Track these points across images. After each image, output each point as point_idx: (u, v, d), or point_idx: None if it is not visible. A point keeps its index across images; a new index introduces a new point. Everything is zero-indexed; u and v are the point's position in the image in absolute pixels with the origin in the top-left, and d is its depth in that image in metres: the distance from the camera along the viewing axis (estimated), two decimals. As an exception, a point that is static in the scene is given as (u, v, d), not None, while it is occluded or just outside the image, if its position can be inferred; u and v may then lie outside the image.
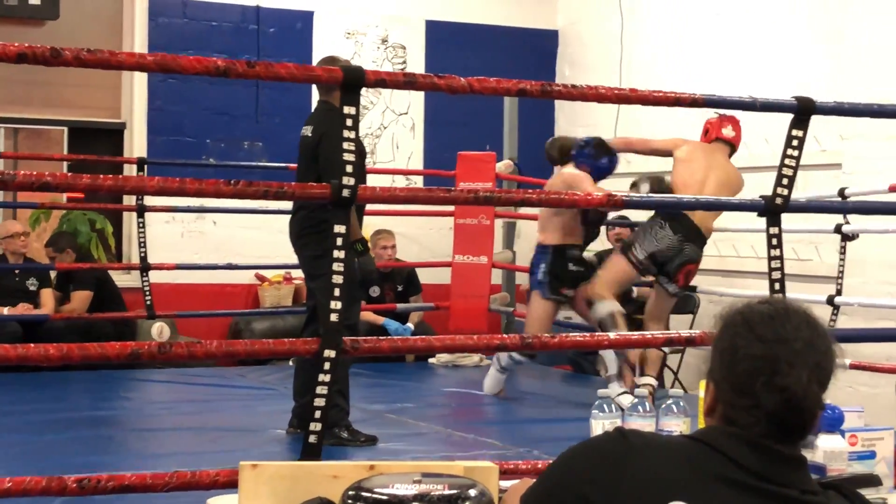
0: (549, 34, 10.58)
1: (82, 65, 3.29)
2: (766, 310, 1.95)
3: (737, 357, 1.92)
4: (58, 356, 3.20)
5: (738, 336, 1.93)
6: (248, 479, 2.65)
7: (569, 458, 1.99)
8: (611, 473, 1.90)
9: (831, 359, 1.94)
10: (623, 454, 1.90)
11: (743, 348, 1.91)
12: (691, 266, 6.43)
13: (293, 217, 5.59)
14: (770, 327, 1.92)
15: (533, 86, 3.67)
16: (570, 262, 6.70)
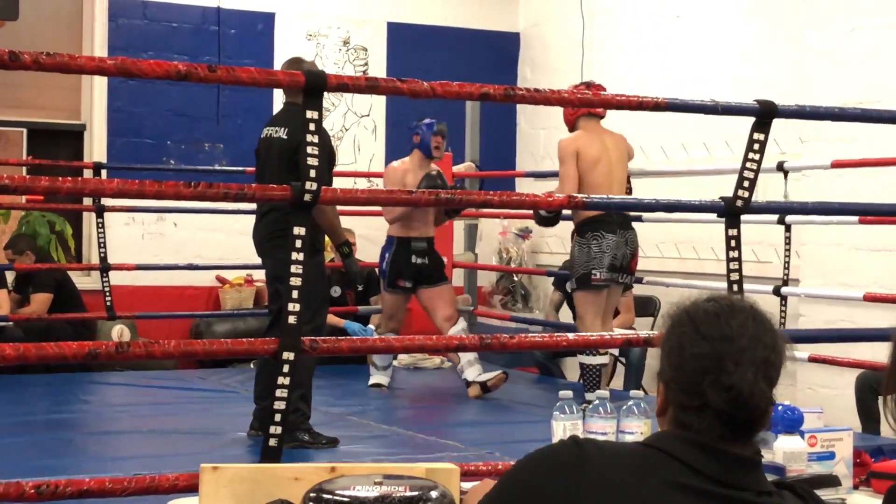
0: (510, 36, 10.61)
1: (41, 69, 3.27)
2: (712, 307, 1.94)
3: (684, 357, 1.92)
4: (14, 356, 3.17)
5: (685, 335, 1.93)
6: (209, 482, 2.64)
7: (523, 469, 1.98)
8: (566, 484, 1.89)
9: (779, 354, 1.94)
10: (578, 464, 1.90)
11: (689, 348, 1.91)
12: (637, 250, 6.51)
13: (262, 219, 5.56)
14: (715, 325, 1.91)
15: (496, 90, 3.68)
16: (413, 255, 6.98)
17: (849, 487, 2.97)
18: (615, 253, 6.36)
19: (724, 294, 2.01)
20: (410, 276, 7.05)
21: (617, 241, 6.36)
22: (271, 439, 3.55)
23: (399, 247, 7.01)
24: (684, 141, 8.48)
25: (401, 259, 7.01)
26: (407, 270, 7.03)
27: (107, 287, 7.92)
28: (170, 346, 3.37)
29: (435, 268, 7.13)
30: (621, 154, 6.52)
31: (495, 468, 3.65)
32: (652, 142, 8.77)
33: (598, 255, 6.35)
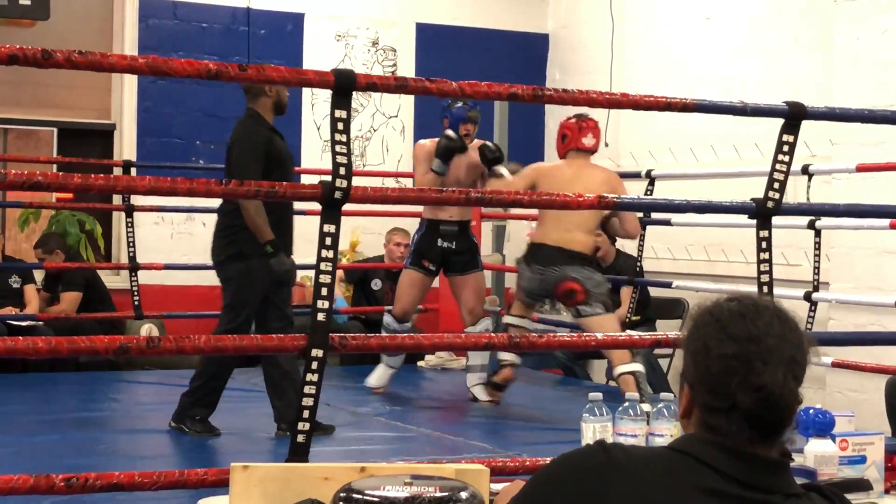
0: (539, 38, 10.60)
1: (74, 67, 3.28)
2: (736, 307, 1.93)
3: (709, 357, 1.89)
4: (46, 349, 3.18)
5: (710, 336, 1.91)
6: (239, 481, 2.65)
7: (550, 474, 1.97)
8: (593, 489, 1.87)
9: (804, 352, 1.92)
10: (605, 469, 1.88)
11: (715, 348, 1.89)
12: (566, 286, 6.36)
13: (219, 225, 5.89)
14: (741, 325, 1.90)
15: (524, 90, 3.67)
16: (441, 238, 6.90)
17: (880, 491, 2.95)
18: (530, 287, 6.53)
19: (747, 294, 2.00)
20: (435, 259, 6.93)
21: (532, 276, 6.48)
22: (299, 436, 3.55)
23: (427, 229, 6.92)
24: (714, 143, 8.45)
25: (426, 241, 6.91)
26: (431, 252, 6.91)
27: (135, 286, 7.96)
28: (200, 341, 3.38)
29: (463, 254, 6.99)
30: (596, 184, 6.35)
31: (523, 465, 3.64)
32: (681, 144, 8.75)
33: (520, 279, 6.65)
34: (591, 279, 6.36)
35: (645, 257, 8.05)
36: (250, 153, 5.68)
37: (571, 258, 6.37)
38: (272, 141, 5.77)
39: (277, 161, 5.72)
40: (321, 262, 3.59)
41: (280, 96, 5.90)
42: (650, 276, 8.23)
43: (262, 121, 5.83)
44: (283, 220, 5.76)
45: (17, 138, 9.35)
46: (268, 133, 5.80)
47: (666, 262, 8.81)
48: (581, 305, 6.35)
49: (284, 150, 5.89)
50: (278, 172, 5.57)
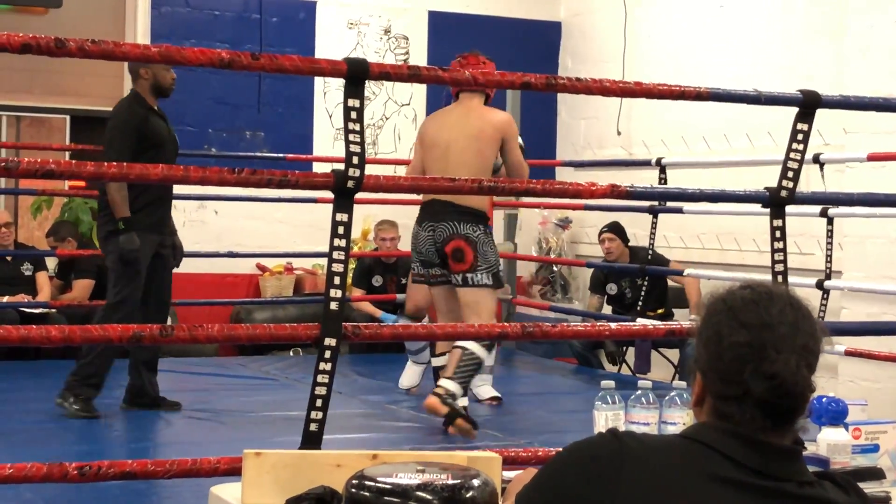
0: (552, 26, 10.57)
1: (86, 56, 3.28)
2: (749, 295, 1.92)
3: (722, 346, 1.88)
4: (59, 338, 3.20)
5: (722, 324, 1.90)
6: (252, 467, 2.66)
7: (562, 462, 1.97)
8: (605, 477, 1.87)
9: (817, 341, 1.91)
10: (617, 457, 1.88)
11: (728, 336, 1.88)
12: (455, 243, 5.66)
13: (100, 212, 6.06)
14: (754, 313, 1.88)
15: (537, 79, 3.67)
16: None
17: (893, 480, 2.95)
18: (419, 248, 5.85)
19: (760, 281, 1.99)
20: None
21: (416, 233, 5.84)
22: (311, 424, 3.56)
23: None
24: (727, 131, 8.43)
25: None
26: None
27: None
28: (213, 329, 3.38)
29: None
30: (468, 134, 5.75)
31: (535, 454, 3.64)
32: (694, 132, 8.73)
33: (412, 248, 5.99)
34: (483, 242, 5.66)
35: (657, 246, 8.05)
36: (118, 130, 5.91)
37: (463, 214, 5.64)
38: (147, 121, 5.94)
39: (152, 141, 5.88)
40: (334, 250, 3.59)
41: (157, 78, 6.05)
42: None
43: (140, 101, 6.03)
44: (164, 200, 6.03)
45: (30, 126, 9.38)
46: (143, 113, 5.98)
47: (678, 250, 8.80)
48: (468, 272, 5.64)
49: (164, 131, 6.04)
50: (153, 152, 5.74)
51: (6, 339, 3.20)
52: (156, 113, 6.04)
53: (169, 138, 6.02)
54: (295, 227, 9.32)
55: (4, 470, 3.21)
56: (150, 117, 5.97)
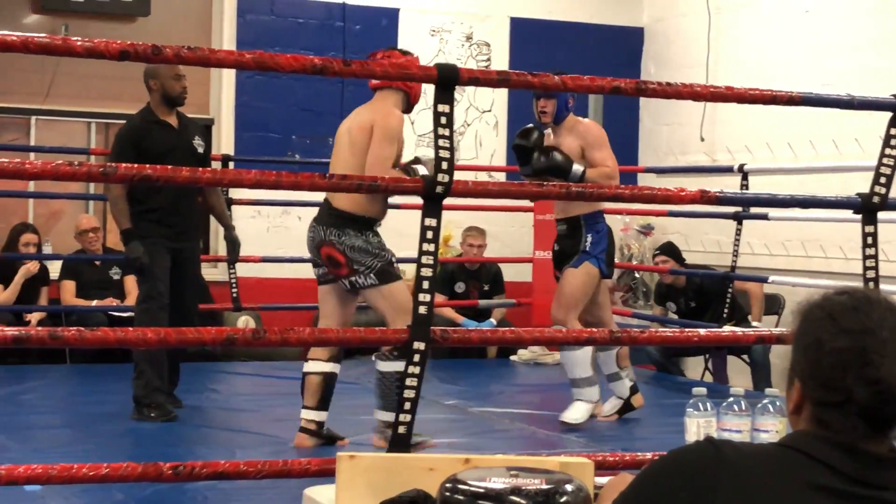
0: (634, 31, 10.53)
1: (182, 62, 3.35)
2: (848, 301, 1.89)
3: (822, 352, 1.86)
4: (155, 340, 3.25)
5: (822, 330, 1.87)
6: (346, 470, 2.68)
7: (660, 470, 1.96)
8: (703, 486, 1.86)
9: None
10: (714, 465, 1.86)
11: (828, 342, 1.85)
12: (324, 251, 5.31)
13: None
14: (854, 318, 1.85)
15: (627, 83, 3.66)
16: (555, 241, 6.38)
17: None
18: (308, 246, 5.49)
19: (856, 287, 1.96)
20: (556, 266, 6.31)
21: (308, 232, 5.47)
22: (400, 427, 3.58)
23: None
24: (812, 137, 8.33)
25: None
26: (553, 258, 6.35)
27: (233, 278, 8.07)
28: (304, 333, 3.42)
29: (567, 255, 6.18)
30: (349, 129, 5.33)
31: (622, 459, 3.63)
32: (779, 138, 8.64)
33: None
34: (351, 246, 5.23)
35: (741, 253, 7.97)
36: (117, 142, 6.21)
37: (333, 217, 5.26)
38: (146, 133, 6.10)
39: (152, 152, 5.90)
40: (422, 255, 3.62)
41: (165, 89, 6.18)
42: (746, 271, 8.15)
43: (146, 113, 6.21)
44: (179, 207, 6.10)
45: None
46: (143, 125, 6.15)
47: (763, 258, 8.72)
48: (350, 277, 5.28)
49: (168, 143, 6.12)
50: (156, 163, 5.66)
51: (104, 340, 3.26)
52: (160, 124, 6.17)
53: (179, 148, 6.08)
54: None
55: (101, 469, 3.27)
56: (151, 130, 6.12)
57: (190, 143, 6.22)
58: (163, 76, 6.14)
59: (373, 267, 5.22)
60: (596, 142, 5.99)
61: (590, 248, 6.09)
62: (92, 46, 3.20)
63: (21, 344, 3.20)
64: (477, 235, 8.82)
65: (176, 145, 6.10)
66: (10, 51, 3.23)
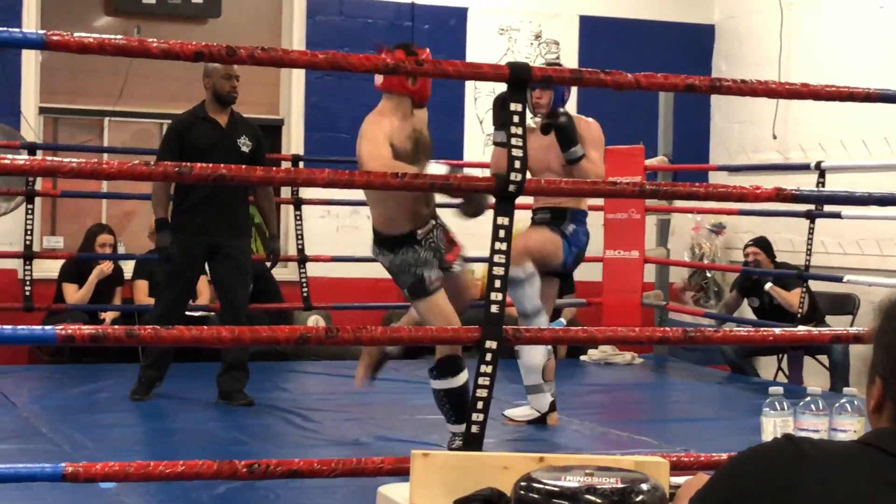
0: (705, 29, 10.45)
1: (256, 63, 3.36)
2: None
3: None
4: (230, 338, 3.27)
5: None
6: (420, 468, 2.69)
7: (737, 468, 1.94)
8: (781, 483, 1.84)
9: None
10: (794, 463, 1.84)
11: None
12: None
13: None
14: None
15: (702, 81, 3.63)
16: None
17: None
18: None
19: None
20: None
21: None
22: (472, 426, 3.58)
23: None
24: (888, 134, 8.21)
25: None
26: None
27: (304, 278, 8.12)
28: (376, 332, 3.43)
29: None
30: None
31: (697, 459, 3.60)
32: (853, 136, 8.53)
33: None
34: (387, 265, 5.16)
35: (814, 252, 7.88)
36: (165, 136, 6.55)
37: (374, 235, 5.15)
38: (190, 128, 6.32)
39: (194, 148, 6.15)
40: (494, 254, 3.61)
41: (215, 88, 6.35)
42: (820, 271, 8.05)
43: (197, 109, 6.45)
44: (217, 203, 6.23)
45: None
46: (189, 120, 6.40)
47: (836, 256, 8.61)
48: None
49: (209, 139, 6.27)
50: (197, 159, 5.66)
51: (179, 338, 3.29)
52: (207, 121, 6.34)
53: (221, 146, 6.22)
54: (446, 231, 9.37)
55: (177, 467, 3.30)
56: (196, 125, 6.32)
57: (234, 142, 6.34)
58: (214, 75, 6.32)
59: (404, 283, 5.08)
60: (595, 141, 5.74)
61: (569, 233, 5.79)
62: (167, 48, 3.23)
63: (98, 342, 3.24)
64: None
65: (217, 142, 6.24)
66: (86, 52, 3.27)
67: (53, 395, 6.67)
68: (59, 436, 5.37)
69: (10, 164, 3.24)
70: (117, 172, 3.23)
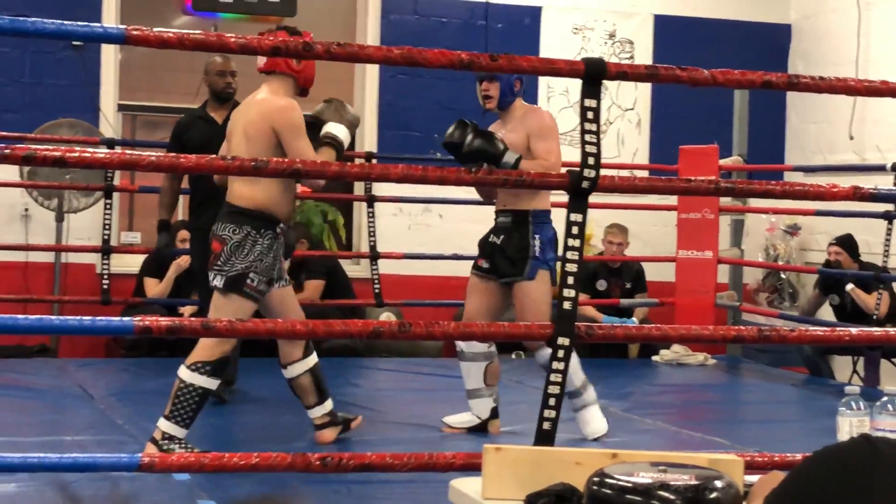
0: (781, 28, 10.35)
1: (332, 58, 3.39)
2: None
3: None
4: (304, 331, 3.31)
5: None
6: (492, 462, 2.69)
7: (813, 466, 1.92)
8: (858, 484, 1.82)
9: None
10: (871, 463, 1.82)
11: None
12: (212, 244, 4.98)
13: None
14: None
15: (779, 77, 3.60)
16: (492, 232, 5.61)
17: None
18: None
19: None
20: (486, 257, 5.58)
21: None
22: (545, 423, 3.58)
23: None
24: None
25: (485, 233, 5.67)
26: (483, 248, 5.61)
27: (376, 275, 8.16)
28: (449, 327, 3.44)
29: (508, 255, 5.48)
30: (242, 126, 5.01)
31: (772, 459, 3.57)
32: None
33: None
34: (240, 245, 4.87)
35: (891, 253, 7.77)
36: (169, 138, 6.61)
37: (231, 213, 4.94)
38: (188, 127, 6.43)
39: (192, 146, 6.17)
40: (567, 251, 3.61)
41: (211, 84, 6.46)
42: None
43: (199, 108, 6.55)
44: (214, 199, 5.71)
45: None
46: (190, 120, 6.51)
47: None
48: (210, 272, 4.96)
49: (204, 136, 6.27)
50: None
51: (254, 331, 3.33)
52: (204, 119, 6.44)
53: (215, 143, 5.82)
54: (518, 230, 9.36)
55: (251, 459, 3.34)
56: (194, 124, 6.43)
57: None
58: (209, 72, 6.44)
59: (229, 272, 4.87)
60: (541, 132, 5.41)
61: (539, 253, 5.43)
62: (245, 43, 3.27)
63: (174, 334, 3.28)
64: (618, 233, 8.76)
65: (212, 139, 6.04)
66: (166, 47, 3.31)
67: (129, 388, 6.76)
68: (135, 427, 5.45)
69: (91, 157, 3.30)
70: (195, 166, 3.27)
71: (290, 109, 4.89)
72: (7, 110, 8.69)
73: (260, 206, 4.87)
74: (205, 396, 4.83)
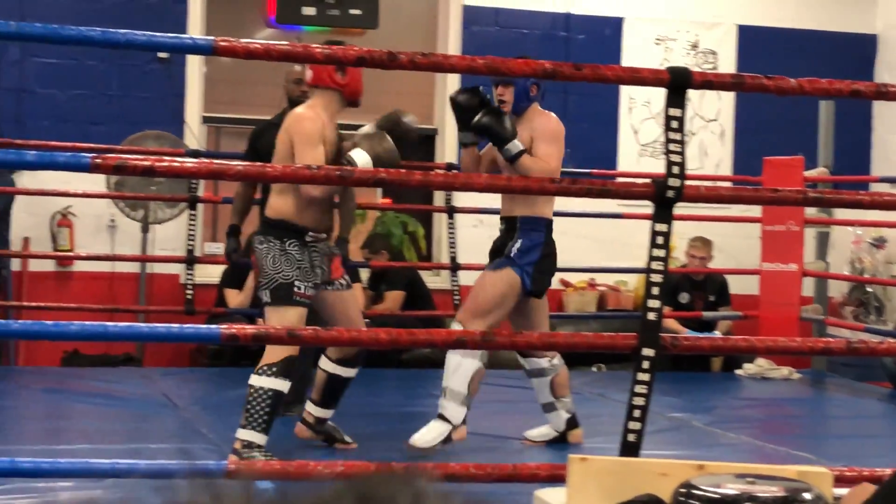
0: (867, 38, 10.20)
1: (416, 68, 3.40)
2: None
3: None
4: (387, 340, 3.32)
5: None
6: (577, 472, 2.68)
7: None
8: None
9: None
10: None
11: None
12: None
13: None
14: None
15: (867, 87, 3.57)
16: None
17: None
18: None
19: None
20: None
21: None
22: (630, 435, 3.56)
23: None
24: None
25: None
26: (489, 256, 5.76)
27: (456, 286, 8.16)
28: (532, 337, 3.43)
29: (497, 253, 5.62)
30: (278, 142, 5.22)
31: (861, 473, 3.51)
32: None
33: None
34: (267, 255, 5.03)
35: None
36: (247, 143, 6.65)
37: (262, 224, 5.20)
38: (262, 134, 6.35)
39: (263, 153, 5.96)
40: (652, 261, 3.59)
41: (288, 92, 6.47)
42: None
43: (276, 115, 6.44)
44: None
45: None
46: (264, 126, 6.49)
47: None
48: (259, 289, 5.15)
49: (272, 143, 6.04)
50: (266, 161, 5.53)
51: (337, 339, 3.35)
52: (276, 126, 6.11)
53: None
54: (599, 242, 9.31)
55: (336, 467, 3.36)
56: (267, 130, 6.31)
57: None
58: (287, 80, 6.47)
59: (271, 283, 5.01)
60: (545, 135, 5.33)
61: (515, 254, 5.40)
62: (331, 53, 3.29)
63: (260, 341, 3.32)
64: (701, 247, 8.67)
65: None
66: (253, 58, 3.35)
67: (213, 397, 6.83)
68: (218, 436, 5.50)
69: (180, 166, 3.34)
70: (281, 175, 3.30)
71: (305, 119, 5.05)
72: (94, 122, 8.84)
73: (284, 216, 5.04)
74: (277, 399, 4.90)
